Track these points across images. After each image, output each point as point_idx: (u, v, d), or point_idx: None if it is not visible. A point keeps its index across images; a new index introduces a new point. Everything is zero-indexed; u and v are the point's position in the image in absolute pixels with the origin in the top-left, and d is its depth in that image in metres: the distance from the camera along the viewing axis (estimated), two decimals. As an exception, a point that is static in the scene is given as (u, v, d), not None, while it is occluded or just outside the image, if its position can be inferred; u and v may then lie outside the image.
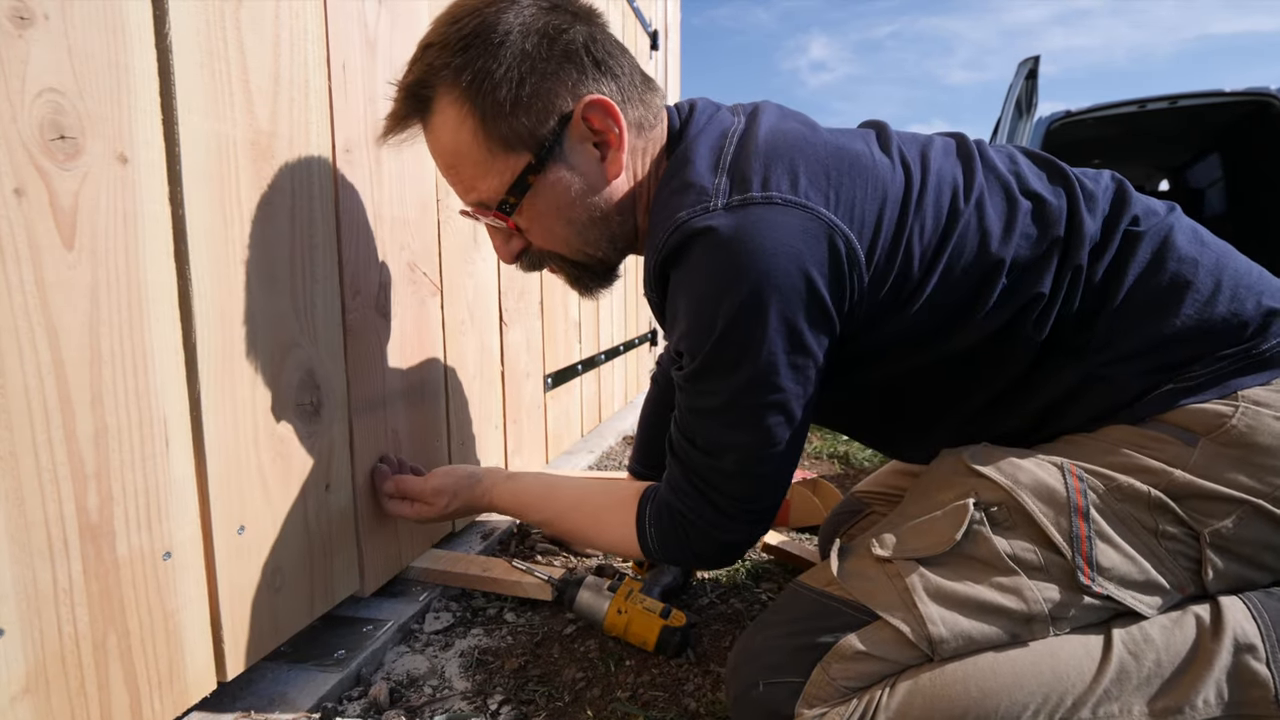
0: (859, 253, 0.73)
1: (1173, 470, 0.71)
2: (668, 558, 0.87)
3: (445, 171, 0.84)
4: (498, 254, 0.90)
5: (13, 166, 0.56)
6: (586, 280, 0.92)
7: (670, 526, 0.83)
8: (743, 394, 0.74)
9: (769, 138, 0.78)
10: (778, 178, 0.73)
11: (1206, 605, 0.70)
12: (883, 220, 0.75)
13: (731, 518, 0.80)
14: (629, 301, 2.63)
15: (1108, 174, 0.86)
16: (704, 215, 0.72)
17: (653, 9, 2.94)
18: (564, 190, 0.82)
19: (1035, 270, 0.77)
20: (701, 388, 0.77)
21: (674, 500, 0.83)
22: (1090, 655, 0.67)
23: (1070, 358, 0.77)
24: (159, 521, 0.70)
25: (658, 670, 0.98)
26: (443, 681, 0.96)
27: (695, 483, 0.80)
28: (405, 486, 1.04)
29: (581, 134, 0.80)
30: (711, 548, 0.83)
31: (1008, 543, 0.71)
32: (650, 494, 0.88)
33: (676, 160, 0.80)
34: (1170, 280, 0.76)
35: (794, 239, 0.70)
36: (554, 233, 0.85)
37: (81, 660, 0.63)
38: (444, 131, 0.80)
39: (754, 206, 0.71)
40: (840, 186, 0.74)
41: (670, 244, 0.74)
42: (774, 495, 0.82)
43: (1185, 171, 5.61)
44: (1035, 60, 5.08)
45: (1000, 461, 0.76)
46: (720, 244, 0.70)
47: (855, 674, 0.70)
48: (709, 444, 0.78)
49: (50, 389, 0.59)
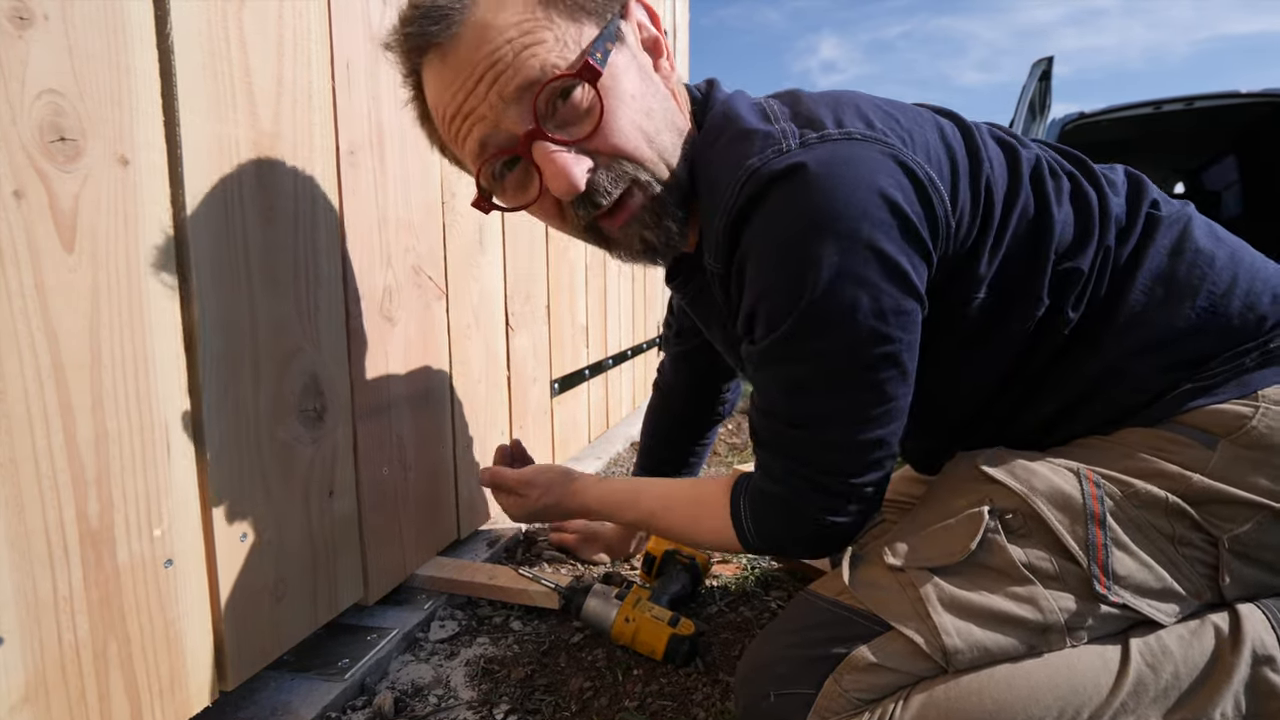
0: (944, 192, 0.69)
1: (1191, 474, 0.69)
2: (767, 547, 0.82)
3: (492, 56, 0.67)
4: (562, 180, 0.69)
5: (12, 169, 0.55)
6: (671, 207, 0.75)
7: (767, 514, 0.79)
8: (851, 348, 0.68)
9: (819, 94, 0.74)
10: (850, 118, 0.69)
11: (1225, 614, 0.69)
12: (957, 169, 0.72)
13: (841, 497, 0.74)
14: (636, 306, 2.62)
15: (1122, 168, 0.86)
16: (781, 156, 0.66)
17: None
18: (634, 75, 0.72)
19: (1078, 249, 0.75)
20: (799, 350, 0.69)
21: (770, 486, 0.77)
22: (1108, 667, 0.66)
23: (1089, 349, 0.76)
24: (160, 528, 0.70)
25: (666, 679, 0.97)
26: (448, 691, 0.94)
27: (794, 467, 0.74)
28: (499, 478, 1.07)
29: (634, 30, 0.75)
30: (817, 532, 0.76)
31: (1023, 551, 0.70)
32: (743, 484, 0.83)
33: (719, 115, 0.74)
34: (1187, 269, 0.75)
35: (883, 173, 0.66)
36: (633, 125, 0.71)
37: (82, 669, 0.63)
38: (496, 8, 0.67)
39: (833, 142, 0.67)
40: (912, 130, 0.71)
41: (746, 193, 0.66)
42: (884, 466, 0.75)
43: (1201, 174, 5.58)
44: (1049, 61, 5.06)
45: (1014, 467, 0.74)
46: (808, 182, 0.64)
47: (868, 686, 0.69)
48: (809, 416, 0.72)
49: (50, 394, 0.59)
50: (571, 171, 0.69)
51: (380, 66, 1.01)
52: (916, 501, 0.95)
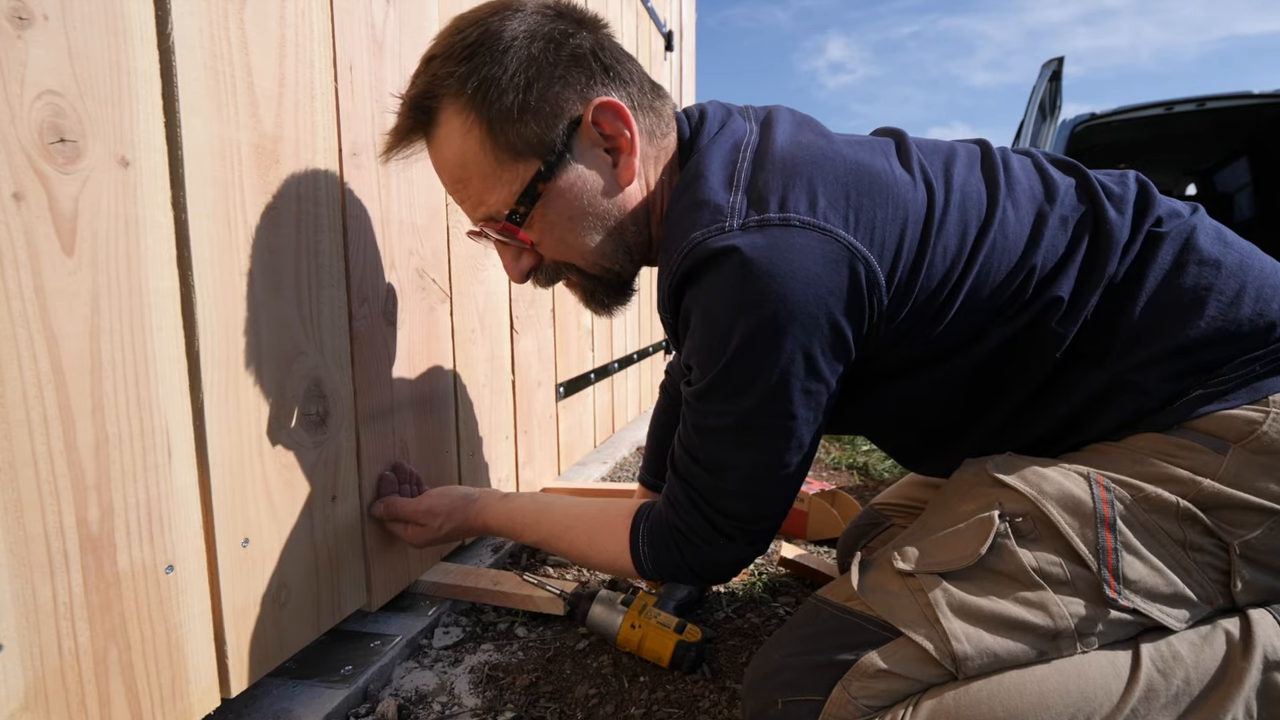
0: (879, 276, 0.71)
1: (1201, 479, 0.69)
2: (661, 574, 0.85)
3: (451, 187, 0.82)
4: (508, 274, 0.87)
5: (11, 170, 0.55)
6: (602, 295, 0.89)
7: (665, 542, 0.83)
8: (752, 415, 0.73)
9: (786, 151, 0.76)
10: (796, 197, 0.71)
11: (1236, 620, 0.69)
12: (904, 242, 0.73)
13: (729, 536, 0.79)
14: (642, 310, 2.62)
15: (1132, 174, 0.85)
16: (720, 236, 0.70)
17: (667, 9, 2.93)
18: (576, 197, 0.79)
19: (1058, 277, 0.76)
20: (710, 406, 0.75)
21: (671, 516, 0.82)
22: (1118, 674, 0.66)
23: (1092, 364, 0.76)
24: (161, 534, 0.69)
25: (672, 687, 0.96)
26: (452, 698, 0.94)
27: (695, 500, 0.79)
28: (396, 509, 1.02)
29: (592, 139, 0.78)
30: (706, 564, 0.82)
31: (1033, 556, 0.70)
32: (644, 511, 0.87)
33: (688, 174, 0.78)
34: (1192, 282, 0.75)
35: (813, 264, 0.69)
36: (567, 243, 0.82)
37: (82, 676, 0.62)
38: (450, 143, 0.78)
39: (771, 228, 0.69)
40: (860, 207, 0.72)
41: (685, 265, 0.72)
42: (774, 517, 0.81)
43: (1213, 175, 5.56)
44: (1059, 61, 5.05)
45: (1025, 471, 0.74)
46: (736, 267, 0.68)
47: (877, 692, 0.68)
48: (712, 461, 0.77)
49: (50, 398, 0.58)
50: (512, 269, 0.86)
51: (384, 67, 1.01)
52: (924, 506, 0.94)
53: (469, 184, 0.79)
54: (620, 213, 0.82)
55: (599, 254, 0.84)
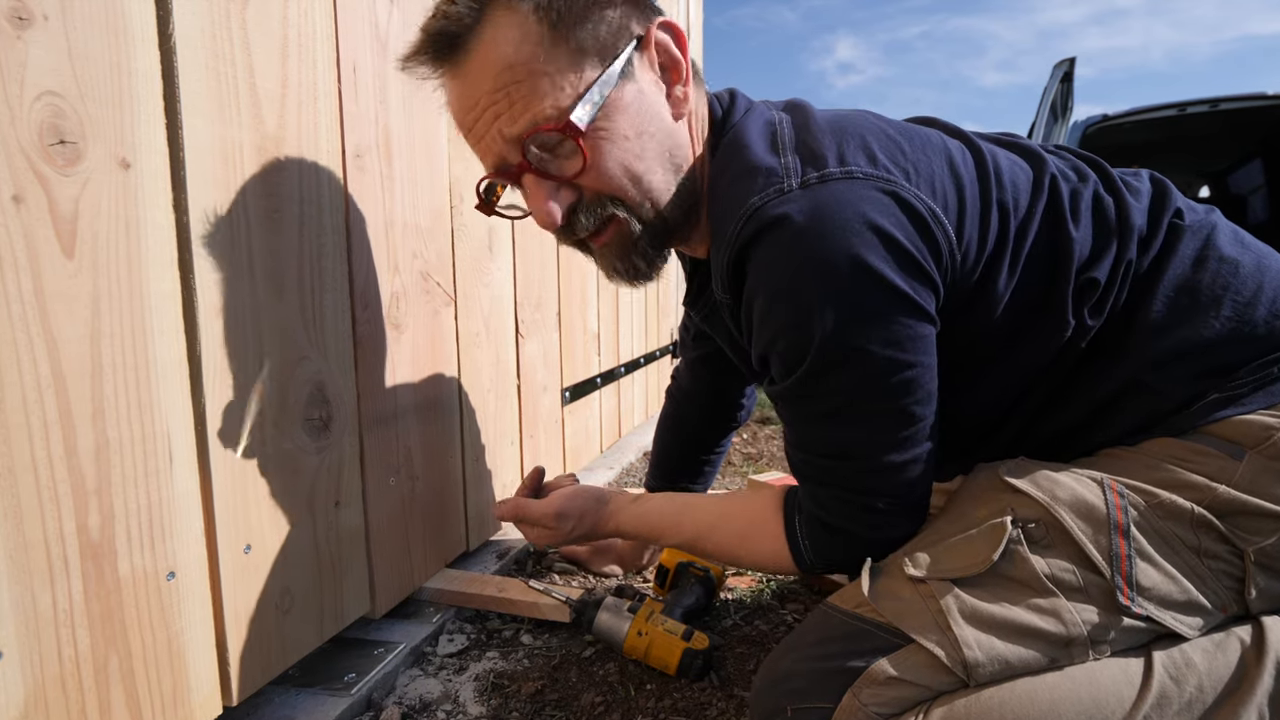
0: (948, 227, 0.70)
1: (1217, 486, 0.68)
2: (826, 568, 0.83)
3: (492, 95, 0.71)
4: (542, 214, 0.75)
5: (11, 172, 0.54)
6: (644, 245, 0.79)
7: (825, 539, 0.80)
8: (870, 381, 0.70)
9: (830, 117, 0.75)
10: (853, 152, 0.70)
11: (1249, 626, 0.68)
12: (964, 198, 0.72)
13: (889, 516, 0.76)
14: (649, 313, 2.61)
15: (1146, 173, 0.85)
16: (780, 198, 0.67)
17: (675, 8, 2.91)
18: (637, 114, 0.74)
19: (1095, 261, 0.75)
20: (820, 388, 0.71)
21: (822, 514, 0.79)
22: (1130, 681, 0.65)
23: (1111, 359, 0.76)
24: (162, 540, 0.68)
25: (680, 695, 0.95)
26: (456, 706, 0.93)
27: (840, 495, 0.76)
28: (525, 512, 1.03)
29: (651, 59, 0.75)
30: (875, 550, 0.77)
31: (1046, 562, 0.69)
32: (794, 503, 0.83)
33: (729, 145, 0.76)
34: (1211, 279, 0.75)
35: (883, 213, 0.66)
36: (625, 165, 0.74)
37: (82, 684, 0.62)
38: (500, 43, 0.69)
39: (834, 182, 0.67)
40: (918, 162, 0.71)
41: (746, 233, 0.68)
42: (925, 480, 0.77)
43: (1227, 177, 5.53)
44: (1071, 62, 5.04)
45: (1037, 476, 0.74)
46: (805, 228, 0.65)
47: (887, 700, 0.67)
48: (844, 447, 0.74)
49: (50, 402, 0.58)
50: (549, 209, 0.74)
51: (387, 67, 1.00)
52: (935, 511, 0.93)
53: (518, 86, 0.70)
54: (675, 147, 0.77)
55: (655, 185, 0.76)
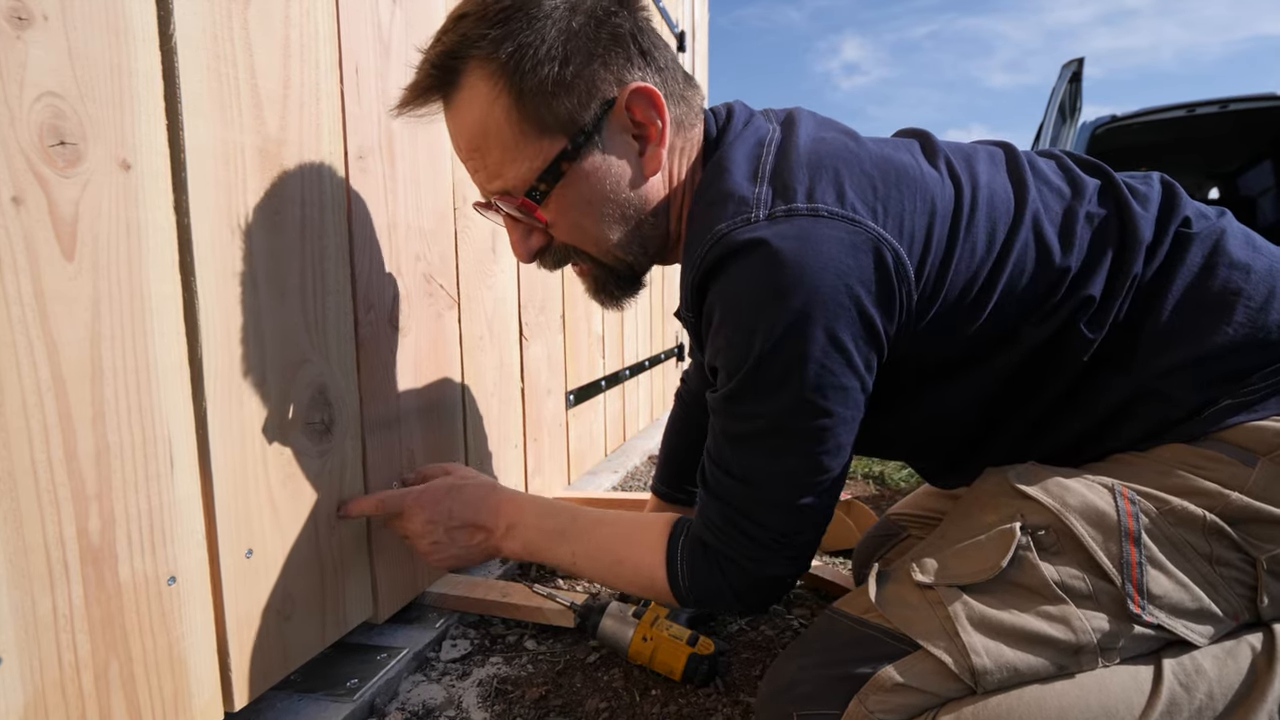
0: (908, 268, 0.70)
1: (1229, 493, 0.68)
2: (702, 599, 0.81)
3: (467, 155, 0.78)
4: (515, 251, 0.84)
5: (11, 174, 0.54)
6: (612, 286, 0.87)
7: (704, 564, 0.79)
8: (786, 415, 0.70)
9: (811, 146, 0.75)
10: (823, 189, 0.70)
11: (1260, 634, 0.67)
12: (932, 235, 0.72)
13: (771, 551, 0.76)
14: (654, 315, 2.61)
15: (1156, 176, 0.84)
16: (745, 227, 0.68)
17: (680, 9, 2.90)
18: (599, 182, 0.77)
19: (1089, 277, 0.74)
20: (741, 409, 0.72)
21: (707, 535, 0.78)
22: (1140, 688, 0.65)
23: (1118, 369, 0.75)
24: (163, 545, 0.68)
25: (685, 700, 0.95)
26: (460, 712, 0.92)
27: (731, 515, 0.76)
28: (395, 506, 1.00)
29: (623, 124, 0.76)
30: (749, 586, 0.78)
31: (1055, 569, 0.68)
32: (680, 530, 0.83)
33: (712, 168, 0.77)
34: (1221, 286, 0.74)
35: (843, 255, 0.67)
36: (583, 228, 0.80)
37: (82, 689, 0.61)
38: (472, 108, 0.74)
39: (799, 218, 0.68)
40: (888, 199, 0.71)
41: (710, 258, 0.70)
42: (816, 529, 0.77)
43: (1237, 178, 5.50)
44: (1079, 62, 5.02)
45: (1047, 482, 0.73)
46: (764, 258, 0.66)
47: (894, 707, 0.67)
48: (746, 472, 0.74)
49: (50, 406, 0.57)
50: (520, 247, 0.83)
51: (390, 68, 1.00)
52: (941, 517, 0.92)
53: (488, 153, 0.76)
54: (641, 203, 0.80)
55: (614, 243, 0.81)
